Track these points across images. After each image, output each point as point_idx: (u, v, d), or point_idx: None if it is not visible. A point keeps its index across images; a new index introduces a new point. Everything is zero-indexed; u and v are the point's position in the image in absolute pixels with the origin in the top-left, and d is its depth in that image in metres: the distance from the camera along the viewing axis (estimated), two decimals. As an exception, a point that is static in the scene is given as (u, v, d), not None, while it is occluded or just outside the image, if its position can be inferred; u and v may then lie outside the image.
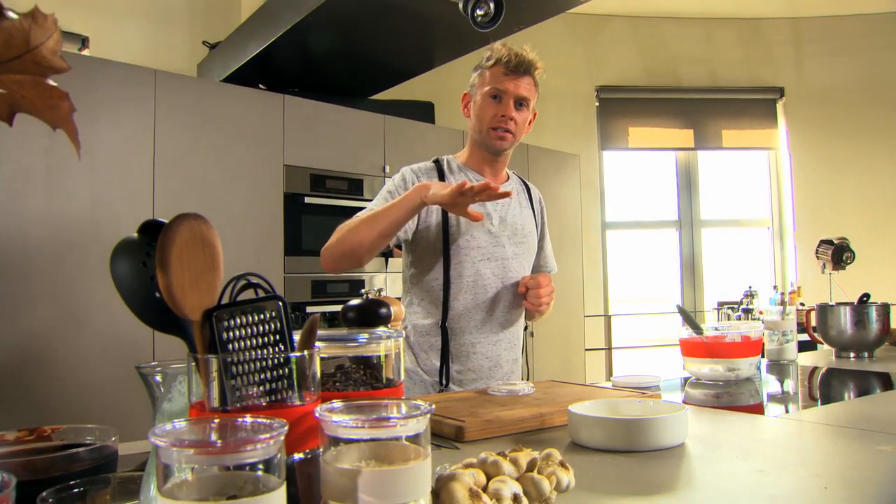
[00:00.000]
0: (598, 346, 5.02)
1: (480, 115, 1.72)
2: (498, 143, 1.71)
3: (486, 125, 1.70)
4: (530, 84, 1.70)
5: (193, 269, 0.64)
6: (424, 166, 1.77)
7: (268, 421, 0.55)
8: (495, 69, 1.68)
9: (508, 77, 1.67)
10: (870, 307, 2.07)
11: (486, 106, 1.70)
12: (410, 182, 1.69)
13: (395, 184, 1.71)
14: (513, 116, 1.69)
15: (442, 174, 1.75)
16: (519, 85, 1.68)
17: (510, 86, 1.67)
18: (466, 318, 1.70)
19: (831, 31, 5.25)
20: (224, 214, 2.91)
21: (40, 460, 0.73)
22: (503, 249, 1.74)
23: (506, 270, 1.74)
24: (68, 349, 2.47)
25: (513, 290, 1.75)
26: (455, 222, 1.69)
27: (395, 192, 1.67)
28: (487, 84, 1.69)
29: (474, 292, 1.70)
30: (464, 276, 1.69)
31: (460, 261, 1.69)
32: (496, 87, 1.68)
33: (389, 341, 0.85)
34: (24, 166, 2.41)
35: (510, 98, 1.68)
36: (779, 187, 5.44)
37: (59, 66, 0.45)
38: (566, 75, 5.17)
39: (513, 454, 0.75)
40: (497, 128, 1.69)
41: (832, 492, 0.79)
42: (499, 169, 1.81)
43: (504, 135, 1.70)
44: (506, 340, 1.75)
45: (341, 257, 1.59)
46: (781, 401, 1.60)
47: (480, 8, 2.34)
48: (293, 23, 2.94)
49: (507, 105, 1.68)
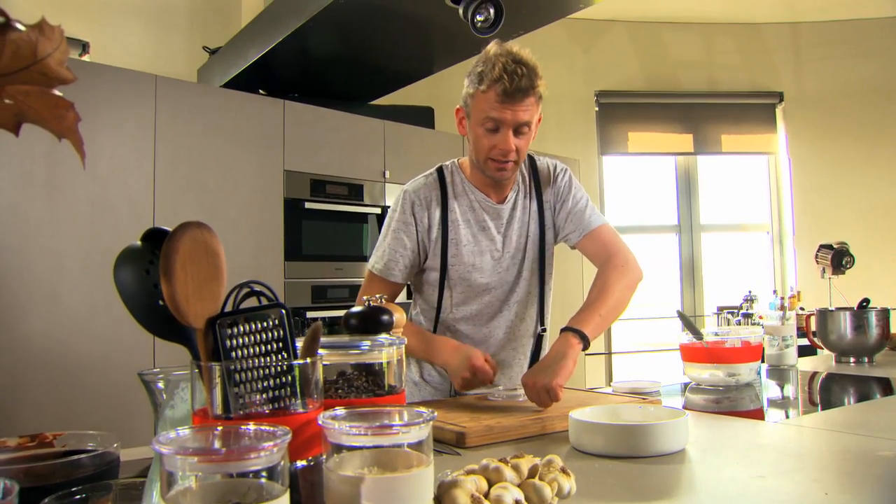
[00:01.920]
0: (598, 351, 5.02)
1: (476, 145, 1.54)
2: (498, 174, 1.56)
3: (484, 156, 1.53)
4: (531, 104, 1.47)
5: (197, 278, 0.65)
6: (425, 185, 1.64)
7: (271, 428, 0.56)
8: (489, 94, 1.45)
9: (505, 104, 1.44)
10: (869, 312, 2.07)
11: (482, 135, 1.51)
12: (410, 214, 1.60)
13: (396, 220, 1.62)
14: (512, 148, 1.50)
15: (444, 191, 1.63)
16: (517, 112, 1.46)
17: (507, 115, 1.45)
18: (470, 341, 1.65)
19: (830, 35, 5.26)
20: (224, 219, 2.92)
21: (42, 467, 0.73)
22: (506, 273, 1.66)
23: (510, 293, 1.67)
24: (69, 355, 2.47)
25: (517, 303, 1.68)
26: (455, 251, 1.62)
27: (398, 233, 1.61)
28: (482, 111, 1.48)
29: (477, 321, 1.66)
30: (467, 291, 1.65)
31: (463, 291, 1.64)
32: (491, 117, 1.47)
33: (391, 348, 0.86)
34: (26, 171, 2.42)
35: (508, 128, 1.47)
36: (778, 192, 5.45)
37: (65, 77, 0.45)
38: (566, 80, 5.18)
39: (514, 460, 0.75)
40: (495, 159, 1.52)
41: (832, 497, 0.79)
42: (503, 187, 1.66)
43: (504, 166, 1.53)
44: (509, 349, 1.71)
45: None
46: (781, 406, 1.61)
47: (480, 13, 2.34)
48: (293, 28, 2.94)
49: (504, 137, 1.48)
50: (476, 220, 1.65)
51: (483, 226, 1.65)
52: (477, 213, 1.65)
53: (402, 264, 1.62)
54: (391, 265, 1.62)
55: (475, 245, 1.63)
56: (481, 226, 1.65)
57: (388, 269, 1.62)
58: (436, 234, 1.62)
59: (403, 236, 1.61)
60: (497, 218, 1.66)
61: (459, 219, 1.63)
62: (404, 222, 1.61)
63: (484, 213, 1.65)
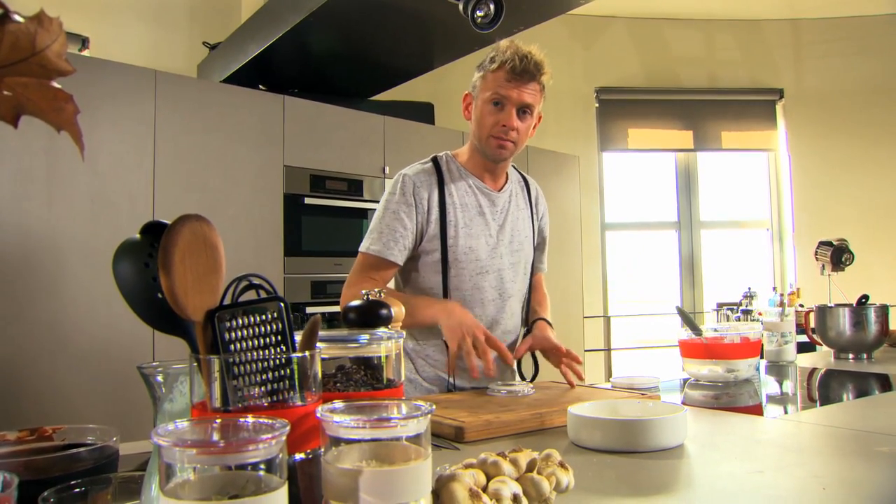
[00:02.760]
0: (597, 347, 5.02)
1: (480, 122, 1.63)
2: (497, 152, 1.64)
3: (486, 133, 1.62)
4: (536, 90, 1.60)
5: (196, 271, 0.65)
6: (423, 170, 1.69)
7: (269, 421, 0.56)
8: (498, 73, 1.58)
9: (512, 83, 1.57)
10: (868, 308, 2.07)
11: (487, 113, 1.61)
12: (411, 195, 1.63)
13: (396, 201, 1.63)
14: (515, 126, 1.60)
15: (441, 176, 1.68)
16: (523, 92, 1.58)
17: (513, 93, 1.57)
18: None
19: (831, 32, 5.25)
20: (224, 214, 2.92)
21: (42, 460, 0.73)
22: (500, 260, 1.70)
23: (503, 282, 1.71)
24: (69, 349, 2.47)
25: (510, 299, 1.73)
26: (454, 233, 1.65)
27: (398, 214, 1.62)
28: (489, 89, 1.60)
29: (471, 305, 1.67)
30: (462, 290, 1.67)
31: (458, 274, 1.66)
32: (498, 94, 1.58)
33: (390, 342, 0.86)
34: (25, 166, 2.41)
35: (513, 106, 1.59)
36: (778, 189, 5.45)
37: (64, 68, 0.45)
38: (566, 76, 5.17)
39: (512, 455, 0.75)
40: (497, 136, 1.62)
41: (830, 492, 0.79)
42: (499, 174, 1.75)
43: (504, 144, 1.62)
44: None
45: None
46: (780, 402, 1.61)
47: (480, 9, 2.34)
48: (293, 23, 2.94)
49: (509, 114, 1.59)
50: (473, 204, 1.70)
51: (480, 210, 1.70)
52: (474, 196, 1.70)
53: (401, 244, 1.62)
54: (391, 245, 1.61)
55: (472, 228, 1.67)
56: (478, 210, 1.70)
57: (387, 248, 1.60)
58: (435, 216, 1.64)
59: (404, 216, 1.62)
60: (493, 204, 1.72)
61: (457, 202, 1.67)
62: (406, 203, 1.63)
63: (481, 197, 1.71)
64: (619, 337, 5.24)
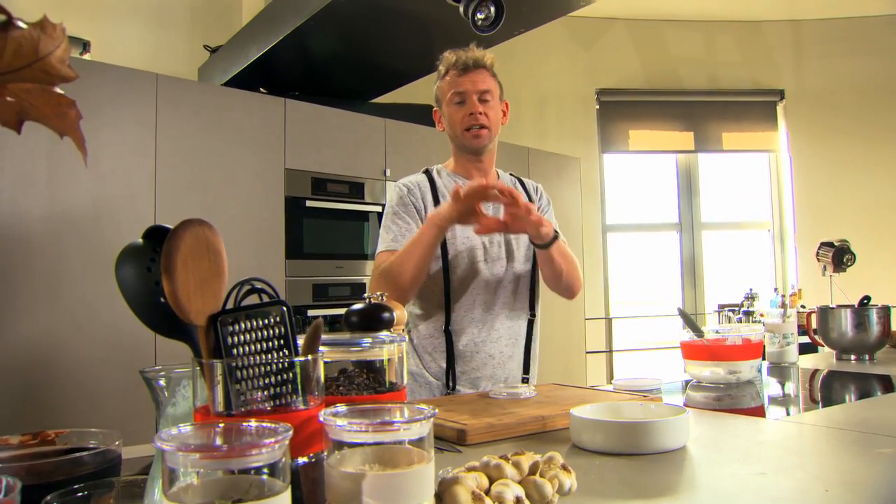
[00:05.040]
0: (599, 349, 5.02)
1: (451, 122, 1.76)
2: (475, 141, 1.74)
3: (459, 128, 1.74)
4: (486, 76, 1.73)
5: (198, 275, 0.65)
6: (415, 178, 1.81)
7: (272, 425, 0.56)
8: (449, 76, 1.74)
9: (463, 77, 1.71)
10: (870, 309, 2.07)
11: (454, 111, 1.74)
12: (407, 197, 1.74)
13: (395, 206, 1.75)
14: (480, 110, 1.71)
15: (433, 183, 1.79)
16: (476, 81, 1.71)
17: (468, 84, 1.71)
18: (468, 319, 1.72)
19: (831, 33, 5.25)
20: (225, 217, 2.92)
21: (44, 464, 0.73)
22: (500, 248, 1.77)
23: (503, 268, 1.77)
24: (70, 353, 2.47)
25: (511, 288, 1.77)
26: (450, 234, 1.71)
27: (400, 214, 1.73)
28: (447, 91, 1.74)
29: (474, 293, 1.73)
30: (463, 278, 1.72)
31: (459, 263, 1.72)
32: (455, 91, 1.72)
33: (392, 345, 0.86)
34: (27, 169, 2.42)
35: (472, 95, 1.71)
36: (779, 190, 5.45)
37: (67, 74, 0.45)
38: (567, 78, 5.18)
39: (515, 457, 0.75)
40: (470, 127, 1.73)
41: (833, 494, 0.79)
42: (486, 169, 1.82)
43: (479, 132, 1.73)
44: (506, 337, 1.77)
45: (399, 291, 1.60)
46: (782, 403, 1.61)
47: (481, 11, 2.34)
48: (294, 26, 2.94)
49: (471, 103, 1.71)
50: None
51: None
52: None
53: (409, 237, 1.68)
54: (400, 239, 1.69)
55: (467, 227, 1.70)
56: None
57: (398, 241, 1.69)
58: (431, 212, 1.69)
59: (407, 217, 1.73)
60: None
61: None
62: (403, 205, 1.74)
63: None
64: (620, 339, 5.23)
